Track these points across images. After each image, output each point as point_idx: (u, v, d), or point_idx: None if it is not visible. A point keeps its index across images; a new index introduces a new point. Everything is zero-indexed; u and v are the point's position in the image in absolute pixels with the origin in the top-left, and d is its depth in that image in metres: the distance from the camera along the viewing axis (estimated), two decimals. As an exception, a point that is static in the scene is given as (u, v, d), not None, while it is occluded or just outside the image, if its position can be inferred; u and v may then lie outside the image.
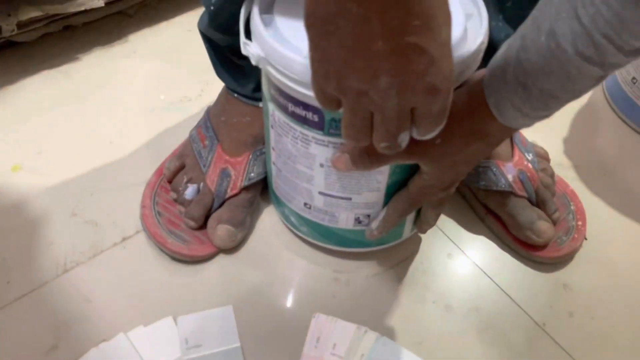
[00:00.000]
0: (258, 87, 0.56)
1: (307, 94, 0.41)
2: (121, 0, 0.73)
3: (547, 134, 0.71)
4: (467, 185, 0.60)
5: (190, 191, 0.56)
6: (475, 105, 0.40)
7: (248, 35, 0.44)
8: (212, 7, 0.51)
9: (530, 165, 0.58)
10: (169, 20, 0.78)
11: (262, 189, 0.60)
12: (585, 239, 0.60)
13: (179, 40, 0.77)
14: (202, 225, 0.56)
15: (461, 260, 0.58)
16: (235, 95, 0.58)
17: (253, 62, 0.43)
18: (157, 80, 0.72)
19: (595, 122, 0.73)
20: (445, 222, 0.61)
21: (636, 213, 0.64)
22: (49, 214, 0.58)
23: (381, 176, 0.47)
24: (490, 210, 0.60)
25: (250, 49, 0.43)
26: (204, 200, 0.56)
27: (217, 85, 0.60)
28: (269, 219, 0.60)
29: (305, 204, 0.52)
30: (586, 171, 0.67)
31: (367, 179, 0.47)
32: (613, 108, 0.74)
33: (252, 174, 0.56)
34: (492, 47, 0.44)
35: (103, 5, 0.70)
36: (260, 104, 0.57)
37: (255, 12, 0.44)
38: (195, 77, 0.70)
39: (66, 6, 0.68)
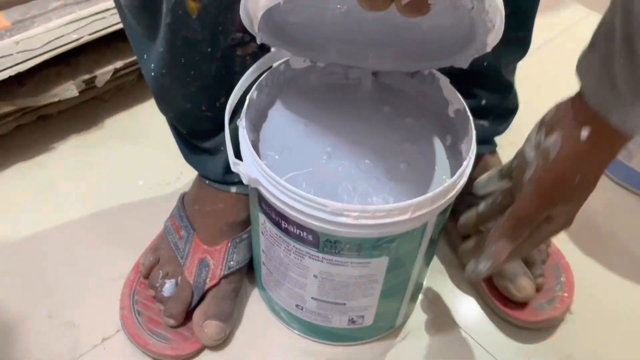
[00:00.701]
0: (228, 170, 0.53)
1: (304, 218, 0.40)
2: (95, 88, 0.72)
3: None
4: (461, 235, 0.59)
5: (167, 287, 0.53)
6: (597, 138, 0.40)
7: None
8: (153, 81, 0.50)
9: None
10: (143, 104, 0.78)
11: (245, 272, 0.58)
12: (570, 312, 0.58)
13: (155, 122, 0.75)
14: (184, 322, 0.54)
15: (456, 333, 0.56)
16: (207, 182, 0.56)
17: (244, 181, 0.42)
18: (135, 166, 0.70)
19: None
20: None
21: (628, 271, 0.63)
22: (24, 317, 0.55)
23: (376, 284, 0.46)
24: None
25: (241, 168, 0.41)
26: (182, 295, 0.53)
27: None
28: (256, 306, 0.57)
29: (297, 305, 0.51)
30: (574, 230, 0.66)
31: (363, 287, 0.46)
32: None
33: (232, 262, 0.54)
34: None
35: (77, 94, 0.70)
36: (233, 189, 0.56)
37: (243, 133, 0.43)
38: (172, 160, 0.68)
39: (39, 99, 0.68)
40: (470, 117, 0.46)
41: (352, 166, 0.46)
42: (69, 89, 0.69)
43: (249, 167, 0.42)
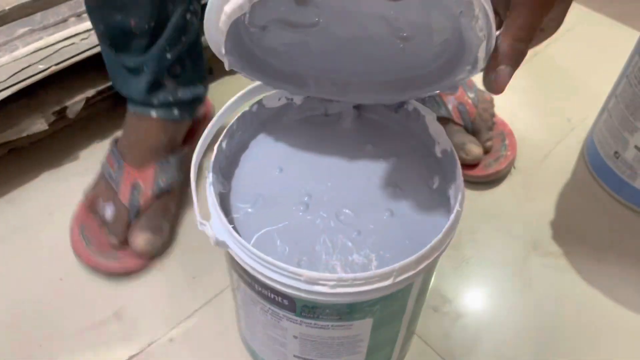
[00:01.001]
0: (150, 89, 0.61)
1: (277, 286, 0.37)
2: (64, 118, 0.68)
3: (532, 218, 0.66)
4: None
5: (107, 210, 0.60)
6: None
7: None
8: None
9: (470, 100, 0.69)
10: (120, 132, 0.74)
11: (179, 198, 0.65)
12: (514, 167, 0.72)
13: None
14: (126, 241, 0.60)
15: None
16: (132, 110, 0.64)
17: (212, 243, 0.38)
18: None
19: (581, 200, 0.69)
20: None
21: (634, 296, 0.59)
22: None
23: (362, 342, 0.43)
24: None
25: (207, 230, 0.38)
26: (120, 216, 0.60)
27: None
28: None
29: None
30: (580, 258, 0.62)
31: (347, 346, 0.43)
32: (599, 183, 0.70)
33: (161, 183, 0.62)
34: None
35: (47, 128, 0.66)
36: (153, 113, 0.63)
37: (209, 190, 0.40)
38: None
39: (6, 134, 0.64)
40: (457, 160, 0.42)
41: (331, 217, 0.42)
42: (37, 123, 0.66)
43: (215, 229, 0.38)
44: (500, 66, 0.35)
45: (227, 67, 0.39)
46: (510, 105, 0.79)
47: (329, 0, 0.36)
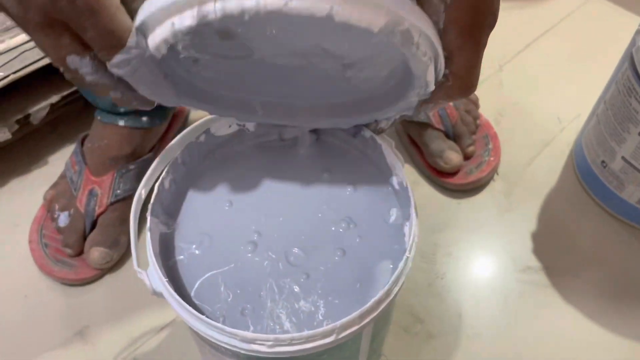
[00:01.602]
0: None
1: (216, 342, 0.35)
2: (29, 124, 0.66)
3: (513, 230, 0.63)
4: None
5: (62, 218, 0.59)
6: None
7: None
8: None
9: (451, 104, 0.65)
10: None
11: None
12: (497, 174, 0.68)
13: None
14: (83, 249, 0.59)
15: None
16: (99, 117, 0.62)
17: (149, 293, 0.36)
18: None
19: (567, 209, 0.66)
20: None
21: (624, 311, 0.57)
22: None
23: None
24: (412, 139, 0.69)
25: (144, 279, 0.36)
26: (75, 225, 0.59)
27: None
28: None
29: None
30: (558, 273, 0.60)
31: None
32: (587, 191, 0.67)
33: (118, 191, 0.60)
34: None
35: (10, 137, 0.64)
36: (121, 122, 0.61)
37: (148, 236, 0.37)
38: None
39: (-34, 144, 0.62)
40: (411, 197, 0.39)
41: (280, 259, 0.40)
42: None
43: (152, 278, 0.36)
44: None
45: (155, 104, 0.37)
46: (496, 103, 0.75)
47: (257, 35, 0.33)
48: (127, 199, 0.61)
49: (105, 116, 0.62)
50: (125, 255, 0.61)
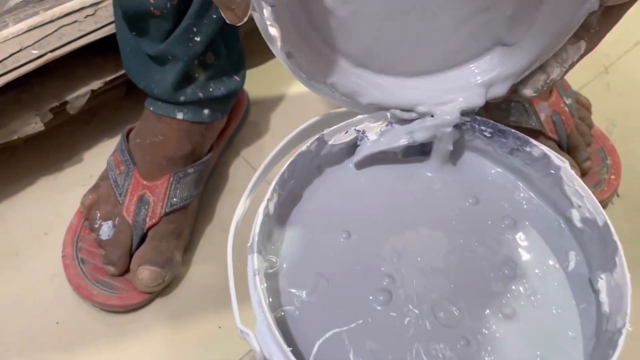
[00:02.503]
0: (178, 86, 0.49)
1: None
2: (64, 112, 0.55)
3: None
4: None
5: (105, 229, 0.49)
6: None
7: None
8: None
9: (567, 109, 0.54)
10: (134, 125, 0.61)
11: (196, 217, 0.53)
12: (617, 195, 0.57)
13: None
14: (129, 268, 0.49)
15: None
16: (152, 108, 0.52)
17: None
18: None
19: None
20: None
21: None
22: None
23: None
24: None
25: (252, 342, 0.26)
26: (120, 239, 0.49)
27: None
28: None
29: None
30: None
31: None
32: None
33: (175, 199, 0.50)
34: None
35: (43, 128, 0.53)
36: (180, 115, 0.51)
37: (252, 281, 0.27)
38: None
39: (-6, 137, 0.52)
40: (616, 241, 0.29)
41: (425, 314, 0.29)
42: (31, 122, 0.53)
43: (262, 341, 0.26)
44: None
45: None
46: (605, 111, 0.64)
47: None
48: (184, 208, 0.51)
49: (159, 107, 0.52)
50: (178, 276, 0.51)
